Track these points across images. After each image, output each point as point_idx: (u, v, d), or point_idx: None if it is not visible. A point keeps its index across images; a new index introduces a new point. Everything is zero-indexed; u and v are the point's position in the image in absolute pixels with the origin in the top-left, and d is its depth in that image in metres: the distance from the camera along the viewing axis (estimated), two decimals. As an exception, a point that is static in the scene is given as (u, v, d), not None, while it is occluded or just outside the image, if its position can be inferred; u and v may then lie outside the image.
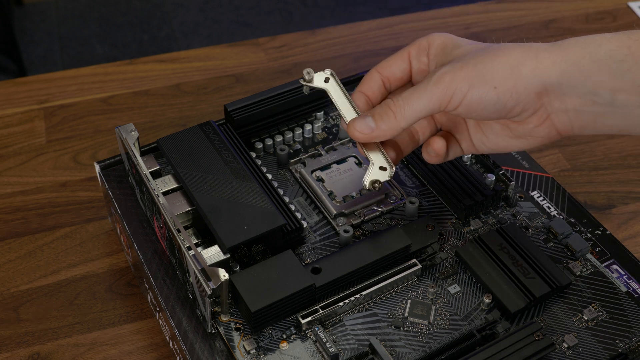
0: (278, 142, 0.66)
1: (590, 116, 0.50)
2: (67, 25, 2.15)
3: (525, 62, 0.49)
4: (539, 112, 0.51)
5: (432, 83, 0.50)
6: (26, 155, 0.76)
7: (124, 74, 0.85)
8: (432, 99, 0.50)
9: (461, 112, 0.50)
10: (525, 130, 0.52)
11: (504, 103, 0.49)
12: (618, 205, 0.71)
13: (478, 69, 0.49)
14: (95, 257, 0.67)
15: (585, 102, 0.49)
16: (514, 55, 0.50)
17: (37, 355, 0.60)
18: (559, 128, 0.51)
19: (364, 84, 0.55)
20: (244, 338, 0.53)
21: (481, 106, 0.50)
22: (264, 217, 0.54)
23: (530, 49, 0.50)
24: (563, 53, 0.49)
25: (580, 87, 0.49)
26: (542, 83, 0.49)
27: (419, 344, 0.53)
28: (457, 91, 0.49)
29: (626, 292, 0.56)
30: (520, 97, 0.49)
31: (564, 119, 0.51)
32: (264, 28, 2.15)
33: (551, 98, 0.50)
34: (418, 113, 0.50)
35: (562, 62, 0.49)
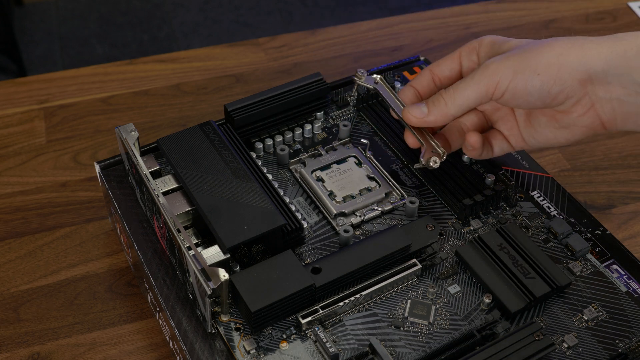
0: (278, 142, 0.66)
1: (634, 107, 0.52)
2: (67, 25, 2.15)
3: (571, 51, 0.51)
4: (583, 101, 0.53)
5: (479, 72, 0.53)
6: (26, 155, 0.76)
7: (124, 74, 0.85)
8: (479, 87, 0.53)
9: (507, 99, 0.53)
10: (570, 119, 0.54)
11: (548, 89, 0.52)
12: (618, 205, 0.71)
13: (523, 57, 0.52)
14: (95, 257, 0.67)
15: (630, 92, 0.51)
16: (559, 45, 0.52)
17: (37, 355, 0.60)
18: (603, 118, 0.53)
19: (415, 79, 0.60)
20: (244, 338, 0.53)
21: (526, 92, 0.52)
22: (264, 217, 0.54)
23: (577, 40, 0.52)
24: (610, 44, 0.51)
25: (626, 77, 0.51)
26: (586, 71, 0.51)
27: (419, 344, 0.53)
28: (502, 78, 0.52)
29: (626, 292, 0.56)
30: (564, 84, 0.51)
31: (608, 108, 0.52)
32: (264, 28, 2.15)
33: (595, 86, 0.52)
34: (467, 101, 0.54)
35: (608, 52, 0.51)
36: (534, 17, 0.93)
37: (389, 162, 0.65)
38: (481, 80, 0.53)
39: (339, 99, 0.70)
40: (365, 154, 0.65)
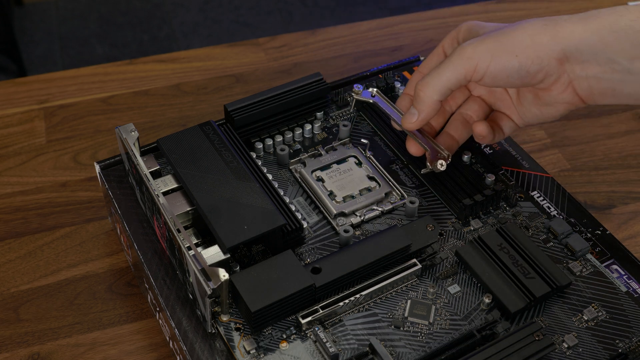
0: (278, 142, 0.66)
1: (610, 83, 0.53)
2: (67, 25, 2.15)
3: (545, 31, 0.53)
4: (562, 79, 0.54)
5: (455, 56, 0.54)
6: (26, 155, 0.76)
7: (124, 74, 0.85)
8: (455, 70, 0.54)
9: (487, 81, 0.54)
10: (551, 97, 0.55)
11: (527, 68, 0.53)
12: (618, 205, 0.71)
13: (499, 40, 0.53)
14: (95, 257, 0.67)
15: (605, 70, 0.52)
16: (533, 27, 0.53)
17: (37, 355, 0.60)
18: (581, 94, 0.54)
19: (408, 85, 0.62)
20: (244, 338, 0.53)
21: (505, 74, 0.53)
22: (264, 217, 0.54)
23: (551, 20, 0.53)
24: (583, 22, 0.52)
25: (600, 55, 0.52)
26: (562, 49, 0.52)
27: (419, 344, 0.53)
28: (480, 62, 0.53)
29: (626, 292, 0.56)
30: (542, 63, 0.53)
31: (585, 85, 0.54)
32: (264, 28, 2.15)
33: (572, 64, 0.53)
34: (446, 83, 0.55)
35: (582, 31, 0.52)
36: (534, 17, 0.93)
37: (389, 162, 0.65)
38: (457, 64, 0.54)
39: (339, 99, 0.70)
40: (365, 154, 0.65)
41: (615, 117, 0.80)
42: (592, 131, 0.78)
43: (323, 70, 0.85)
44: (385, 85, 0.69)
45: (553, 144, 0.77)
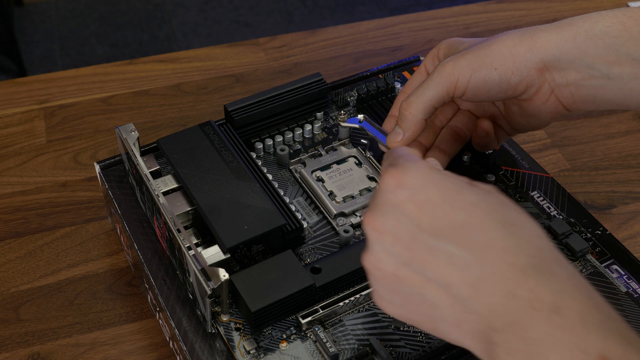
0: (278, 142, 0.66)
1: (590, 90, 0.53)
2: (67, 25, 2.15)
3: (522, 43, 0.53)
4: (543, 88, 0.54)
5: (436, 73, 0.54)
6: (26, 155, 0.76)
7: (124, 74, 0.85)
8: (437, 88, 0.54)
9: (469, 96, 0.54)
10: (535, 107, 0.55)
11: (507, 80, 0.53)
12: (618, 205, 0.71)
13: (477, 55, 0.53)
14: (95, 257, 0.67)
15: (584, 76, 0.53)
16: (510, 38, 0.53)
17: (37, 355, 0.60)
18: (564, 102, 0.55)
19: (394, 107, 0.62)
20: (244, 338, 0.53)
21: (486, 87, 0.53)
22: (264, 217, 0.54)
23: (527, 31, 0.54)
24: (559, 31, 0.53)
25: (578, 62, 0.52)
26: (540, 59, 0.53)
27: (419, 344, 0.53)
28: (460, 77, 0.53)
29: (626, 293, 0.56)
30: (522, 74, 0.53)
31: (566, 93, 0.54)
32: (264, 28, 2.15)
33: (552, 73, 0.53)
34: (429, 102, 0.54)
35: (558, 40, 0.52)
36: (534, 17, 0.93)
37: (389, 162, 0.65)
38: (440, 81, 0.54)
39: (339, 99, 0.70)
40: (365, 154, 0.65)
41: (615, 117, 0.80)
42: (592, 131, 0.79)
43: (323, 70, 0.85)
44: (385, 85, 0.69)
45: (553, 144, 0.77)
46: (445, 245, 0.39)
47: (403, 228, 0.40)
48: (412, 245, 0.40)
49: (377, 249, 0.41)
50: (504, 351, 0.37)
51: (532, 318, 0.36)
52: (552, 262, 0.39)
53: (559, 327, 0.35)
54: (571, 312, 0.36)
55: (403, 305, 0.42)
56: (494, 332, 0.37)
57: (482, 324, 0.38)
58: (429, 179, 0.41)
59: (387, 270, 0.41)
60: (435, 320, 0.41)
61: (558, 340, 0.35)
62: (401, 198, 0.40)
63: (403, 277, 0.40)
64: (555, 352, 0.35)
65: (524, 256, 0.38)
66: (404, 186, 0.41)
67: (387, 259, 0.41)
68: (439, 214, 0.39)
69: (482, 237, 0.39)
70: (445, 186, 0.40)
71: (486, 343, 0.38)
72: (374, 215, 0.41)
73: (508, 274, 0.37)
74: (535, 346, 0.36)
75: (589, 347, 0.35)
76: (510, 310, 0.37)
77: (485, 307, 0.38)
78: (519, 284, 0.37)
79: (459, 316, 0.39)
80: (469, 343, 0.39)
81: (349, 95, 0.70)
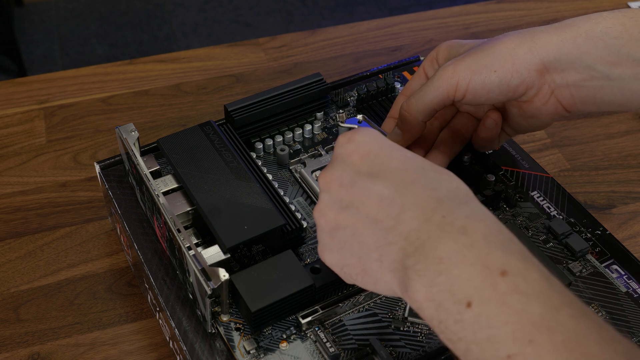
0: (278, 142, 0.66)
1: (590, 90, 0.53)
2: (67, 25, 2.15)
3: (522, 44, 0.53)
4: (543, 90, 0.54)
5: (437, 77, 0.54)
6: (26, 155, 0.76)
7: (124, 74, 0.85)
8: (438, 91, 0.54)
9: (470, 99, 0.54)
10: (535, 108, 0.55)
11: (508, 83, 0.53)
12: (618, 205, 0.71)
13: (477, 57, 0.53)
14: (95, 257, 0.67)
15: (584, 77, 0.53)
16: (510, 40, 0.53)
17: (37, 355, 0.60)
18: (564, 104, 0.55)
19: (392, 109, 0.62)
20: (244, 338, 0.53)
21: (486, 90, 0.53)
22: (264, 217, 0.54)
23: (527, 32, 0.54)
24: (559, 32, 0.53)
25: (578, 63, 0.52)
26: (540, 61, 0.53)
27: (419, 344, 0.53)
28: (460, 80, 0.53)
29: (626, 293, 0.56)
30: (522, 75, 0.53)
31: (567, 94, 0.54)
32: (264, 28, 2.15)
33: (552, 74, 0.53)
34: (429, 105, 0.55)
35: (558, 41, 0.52)
36: (534, 17, 0.94)
37: (389, 162, 0.65)
38: (440, 85, 0.54)
39: (339, 99, 0.70)
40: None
41: (615, 117, 0.80)
42: (592, 131, 0.79)
43: (323, 70, 0.85)
44: (385, 85, 0.69)
45: (553, 144, 0.77)
46: (377, 185, 0.43)
47: (346, 175, 0.44)
48: (351, 189, 0.44)
49: (324, 198, 0.45)
50: (414, 273, 0.40)
51: (441, 239, 0.39)
52: (466, 197, 0.42)
53: (464, 245, 0.39)
54: (477, 234, 0.39)
55: (340, 249, 0.45)
56: (408, 257, 0.40)
57: (399, 253, 0.41)
58: (375, 137, 0.45)
59: (330, 216, 0.45)
60: (363, 258, 0.44)
61: (464, 257, 0.38)
62: (348, 151, 0.45)
63: (341, 220, 0.44)
64: (461, 268, 0.38)
65: (443, 190, 0.42)
66: (352, 141, 0.45)
67: (332, 205, 0.45)
68: (377, 162, 0.44)
69: (408, 178, 0.43)
70: (387, 145, 0.45)
71: (401, 271, 0.41)
72: (325, 169, 0.46)
73: (426, 203, 0.41)
74: (443, 264, 0.39)
75: (491, 262, 0.38)
76: (422, 235, 0.40)
77: (403, 235, 0.41)
78: (434, 211, 0.41)
79: (381, 250, 0.42)
80: (389, 277, 0.42)
81: (349, 95, 0.70)
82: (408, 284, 0.40)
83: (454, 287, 0.38)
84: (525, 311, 0.36)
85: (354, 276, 0.45)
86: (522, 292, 0.37)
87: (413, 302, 0.40)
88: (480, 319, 0.37)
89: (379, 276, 0.43)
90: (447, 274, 0.38)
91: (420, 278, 0.39)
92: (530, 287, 0.37)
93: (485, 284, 0.37)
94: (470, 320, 0.37)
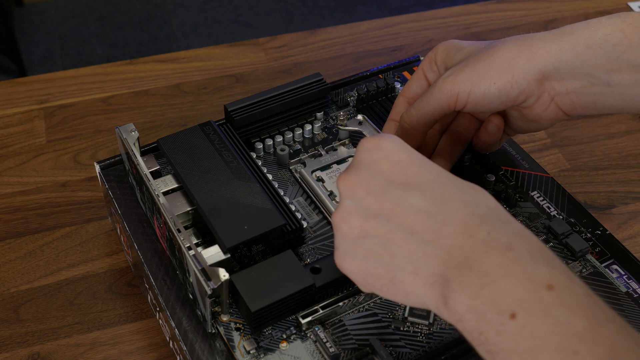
0: (278, 142, 0.66)
1: (590, 97, 0.53)
2: (67, 25, 2.15)
3: (520, 54, 0.53)
4: (543, 97, 0.54)
5: (437, 88, 0.54)
6: (26, 155, 0.76)
7: (124, 74, 0.85)
8: (439, 102, 0.55)
9: (470, 109, 0.55)
10: (535, 114, 0.56)
11: (507, 93, 0.53)
12: (618, 205, 0.71)
13: (476, 68, 0.53)
14: (95, 257, 0.67)
15: (584, 84, 0.53)
16: (508, 49, 0.53)
17: (37, 355, 0.60)
18: (564, 109, 0.55)
19: (393, 111, 0.61)
20: (244, 338, 0.53)
21: (486, 101, 0.54)
22: (264, 217, 0.54)
23: (525, 40, 0.53)
24: (558, 40, 0.53)
25: (577, 71, 0.52)
26: (539, 70, 0.53)
27: (419, 344, 0.53)
28: (460, 92, 0.53)
29: (626, 293, 0.56)
30: (521, 86, 0.53)
31: (567, 100, 0.54)
32: (264, 28, 2.15)
33: (552, 82, 0.53)
34: (430, 116, 0.55)
35: (557, 50, 0.52)
36: (534, 17, 0.93)
37: (389, 162, 0.65)
38: (440, 97, 0.54)
39: (339, 99, 0.70)
40: (365, 154, 0.65)
41: (615, 117, 0.80)
42: (592, 131, 0.79)
43: (323, 70, 0.85)
44: (385, 85, 0.69)
45: (553, 144, 0.77)
46: (413, 197, 0.42)
47: (375, 182, 0.43)
48: (382, 197, 0.43)
49: (347, 204, 0.44)
50: (457, 285, 0.39)
51: (487, 253, 0.39)
52: (507, 216, 0.42)
53: (510, 260, 0.39)
54: (522, 250, 0.39)
55: (364, 258, 0.44)
56: (450, 270, 0.40)
57: (439, 266, 0.41)
58: (402, 145, 0.45)
59: (355, 223, 0.43)
60: (394, 270, 0.43)
61: (509, 271, 0.38)
62: (375, 157, 0.44)
63: (369, 229, 0.43)
64: (506, 280, 0.38)
65: (484, 208, 0.42)
66: (379, 147, 0.44)
67: (357, 211, 0.43)
68: (409, 172, 0.43)
69: (446, 193, 0.42)
70: (416, 155, 0.45)
71: (441, 284, 0.40)
72: (347, 173, 0.45)
73: (468, 220, 0.41)
74: (487, 277, 0.39)
75: (537, 276, 0.38)
76: (467, 249, 0.40)
77: (444, 249, 0.41)
78: (478, 227, 0.41)
79: (418, 262, 0.42)
80: (423, 291, 0.42)
81: (349, 95, 0.70)
82: (449, 296, 0.40)
83: (497, 298, 0.38)
84: (570, 324, 0.36)
85: (378, 287, 0.44)
86: (567, 305, 0.37)
87: (453, 315, 0.40)
88: (524, 330, 0.37)
89: (411, 288, 0.43)
90: (492, 286, 0.38)
91: (463, 290, 0.39)
92: (575, 301, 0.37)
93: (530, 296, 0.37)
94: (513, 331, 0.37)
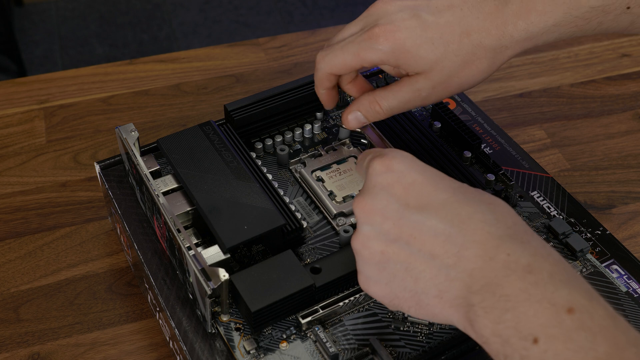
0: (278, 142, 0.66)
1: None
2: (67, 25, 2.15)
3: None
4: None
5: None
6: (26, 155, 0.76)
7: (124, 74, 0.85)
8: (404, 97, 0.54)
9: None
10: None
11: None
12: (618, 205, 0.71)
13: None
14: (95, 257, 0.67)
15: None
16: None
17: (37, 355, 0.60)
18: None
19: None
20: (244, 338, 0.53)
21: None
22: (264, 217, 0.54)
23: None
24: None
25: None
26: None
27: (419, 344, 0.53)
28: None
29: (626, 292, 0.56)
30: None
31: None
32: (264, 28, 2.15)
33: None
34: (405, 104, 0.55)
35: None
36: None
37: (389, 162, 0.65)
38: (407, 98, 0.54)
39: (338, 99, 0.69)
40: (365, 154, 0.65)
41: (615, 117, 0.80)
42: (592, 131, 0.79)
43: (323, 70, 0.85)
44: (385, 85, 0.69)
45: (553, 144, 0.77)
46: (430, 220, 0.42)
47: (391, 207, 0.43)
48: (400, 222, 0.43)
49: (366, 230, 0.44)
50: (481, 310, 0.40)
51: (507, 277, 0.40)
52: (526, 234, 0.42)
53: (531, 283, 0.39)
54: (542, 272, 0.40)
55: (388, 283, 0.44)
56: (473, 295, 0.40)
57: (462, 290, 0.41)
58: (414, 165, 0.45)
59: (375, 249, 0.44)
60: (418, 293, 0.43)
61: (530, 295, 0.39)
62: (389, 181, 0.44)
63: (390, 254, 0.43)
64: (527, 305, 0.39)
65: (502, 227, 0.42)
66: (392, 170, 0.45)
67: (376, 237, 0.44)
68: (423, 193, 0.43)
69: (463, 212, 0.42)
70: (429, 172, 0.44)
71: (465, 307, 0.41)
72: (363, 198, 0.45)
73: (487, 242, 0.41)
74: (509, 302, 0.39)
75: (558, 299, 0.38)
76: (488, 273, 0.40)
77: (466, 272, 0.41)
78: (497, 249, 0.41)
79: (441, 286, 0.42)
80: (449, 312, 0.42)
81: (348, 95, 0.70)
82: (474, 319, 0.40)
83: (520, 323, 0.38)
84: (592, 348, 0.37)
85: (406, 308, 0.45)
86: (588, 329, 0.37)
87: (479, 337, 0.40)
88: (547, 355, 0.37)
89: (437, 311, 0.43)
90: (514, 311, 0.39)
91: (487, 315, 0.40)
92: (596, 324, 0.37)
93: (551, 320, 0.38)
94: (536, 355, 0.37)
